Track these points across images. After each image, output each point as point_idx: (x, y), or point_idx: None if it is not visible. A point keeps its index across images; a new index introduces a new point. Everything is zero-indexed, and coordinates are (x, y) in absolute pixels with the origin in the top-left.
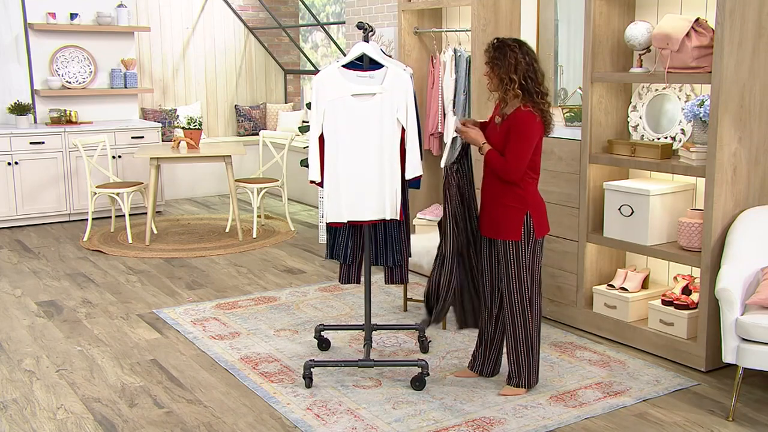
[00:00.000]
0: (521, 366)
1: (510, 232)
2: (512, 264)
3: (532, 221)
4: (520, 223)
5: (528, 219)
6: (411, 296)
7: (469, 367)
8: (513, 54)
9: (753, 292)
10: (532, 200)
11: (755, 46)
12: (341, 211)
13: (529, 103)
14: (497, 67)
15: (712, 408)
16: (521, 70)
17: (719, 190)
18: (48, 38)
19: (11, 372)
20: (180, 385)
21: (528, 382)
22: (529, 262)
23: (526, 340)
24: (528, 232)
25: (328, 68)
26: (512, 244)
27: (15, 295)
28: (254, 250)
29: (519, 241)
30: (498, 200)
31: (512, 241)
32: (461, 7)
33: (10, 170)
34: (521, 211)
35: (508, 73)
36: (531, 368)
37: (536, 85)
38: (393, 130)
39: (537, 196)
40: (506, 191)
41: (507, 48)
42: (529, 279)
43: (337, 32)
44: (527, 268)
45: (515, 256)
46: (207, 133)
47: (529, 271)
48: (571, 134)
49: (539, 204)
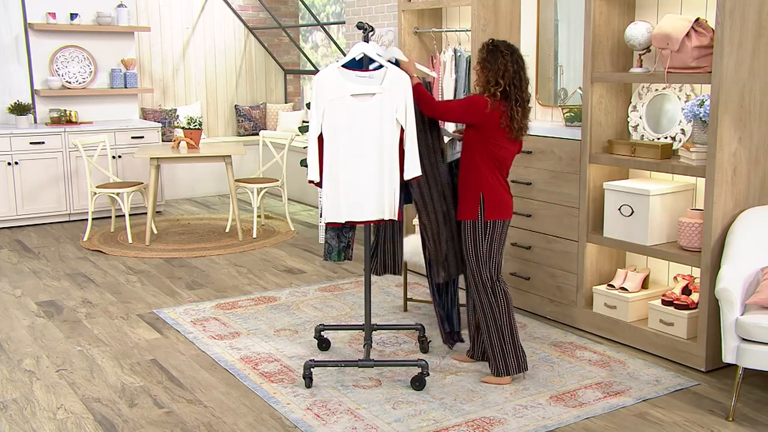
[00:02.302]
0: (495, 352)
1: (466, 212)
2: (470, 245)
3: (484, 203)
4: (476, 204)
5: (482, 200)
6: (411, 296)
7: (467, 353)
8: (503, 60)
9: (753, 292)
10: (486, 184)
11: (755, 46)
12: (340, 211)
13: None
14: (486, 69)
15: (712, 408)
16: (508, 76)
17: (719, 190)
18: (48, 38)
19: (11, 372)
20: (180, 385)
21: (504, 370)
22: (486, 246)
23: (496, 326)
24: (482, 213)
25: (327, 68)
26: (470, 224)
27: (15, 295)
28: (254, 250)
29: (475, 221)
30: (461, 184)
31: (469, 221)
32: (461, 7)
33: (10, 170)
34: (476, 192)
35: (495, 76)
36: (506, 355)
37: (518, 92)
38: (392, 131)
39: (494, 183)
40: (465, 176)
41: (499, 53)
42: (485, 264)
43: (337, 32)
44: (484, 252)
45: (472, 237)
46: (207, 133)
47: (485, 255)
48: (571, 134)
49: (495, 189)
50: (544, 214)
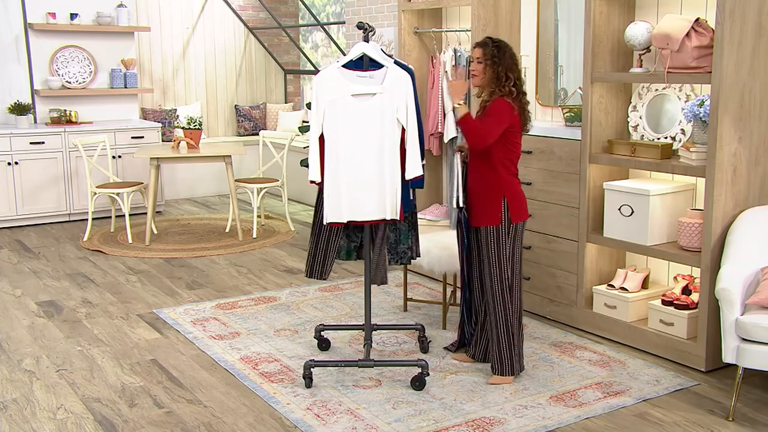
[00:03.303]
0: (503, 354)
1: (488, 218)
2: (493, 250)
3: (508, 206)
4: (498, 209)
5: (505, 204)
6: (411, 296)
7: (467, 353)
8: (511, 54)
9: (753, 292)
10: (508, 187)
11: (755, 46)
12: (341, 211)
13: (508, 98)
14: (496, 64)
15: (712, 408)
16: (516, 70)
17: (719, 190)
18: (48, 38)
19: (11, 372)
20: (180, 385)
21: (510, 370)
22: (509, 248)
23: (507, 328)
24: (506, 217)
25: (328, 68)
26: (493, 229)
27: (15, 295)
28: (254, 250)
29: (499, 226)
30: (478, 190)
31: (492, 226)
32: (461, 7)
33: (10, 170)
34: (498, 197)
35: (506, 71)
36: (513, 356)
37: (522, 85)
38: (393, 130)
39: (514, 185)
40: (484, 180)
41: (505, 48)
42: (509, 265)
43: (337, 32)
44: (507, 254)
45: (495, 242)
46: (207, 133)
47: (509, 257)
48: (571, 134)
49: (516, 191)
50: (544, 214)
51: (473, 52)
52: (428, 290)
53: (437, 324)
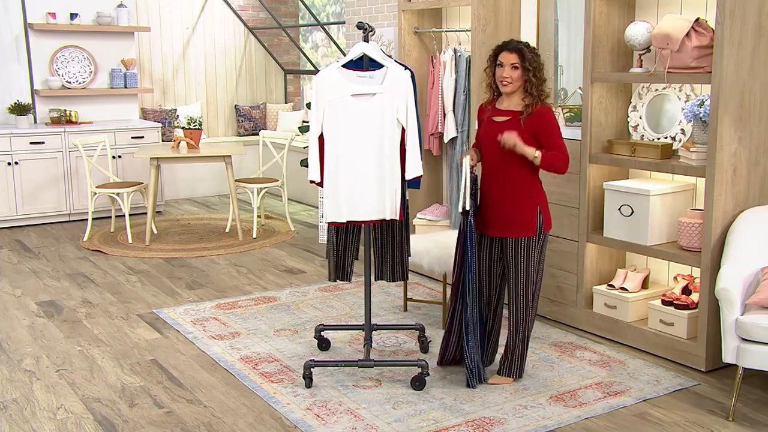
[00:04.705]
0: (515, 358)
1: (524, 229)
2: (522, 260)
3: (542, 216)
4: (533, 220)
5: (539, 214)
6: (411, 296)
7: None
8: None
9: (753, 292)
10: (540, 196)
11: (755, 46)
12: (341, 211)
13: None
14: (535, 69)
15: (712, 408)
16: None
17: (719, 190)
18: (48, 38)
19: (11, 372)
20: (180, 385)
21: (519, 373)
22: (537, 257)
23: (525, 336)
24: (539, 227)
25: (328, 68)
26: (524, 240)
27: (15, 295)
28: (254, 250)
29: (532, 237)
30: (510, 199)
31: (525, 237)
32: (461, 7)
33: (10, 170)
34: (533, 207)
35: (540, 74)
36: (523, 361)
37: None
38: (393, 130)
39: (543, 194)
40: (520, 189)
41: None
42: (536, 275)
43: (337, 32)
44: (535, 263)
45: (526, 252)
46: (207, 133)
47: (536, 266)
48: (571, 134)
49: (545, 200)
50: None
51: (505, 57)
52: (428, 290)
53: (437, 324)
